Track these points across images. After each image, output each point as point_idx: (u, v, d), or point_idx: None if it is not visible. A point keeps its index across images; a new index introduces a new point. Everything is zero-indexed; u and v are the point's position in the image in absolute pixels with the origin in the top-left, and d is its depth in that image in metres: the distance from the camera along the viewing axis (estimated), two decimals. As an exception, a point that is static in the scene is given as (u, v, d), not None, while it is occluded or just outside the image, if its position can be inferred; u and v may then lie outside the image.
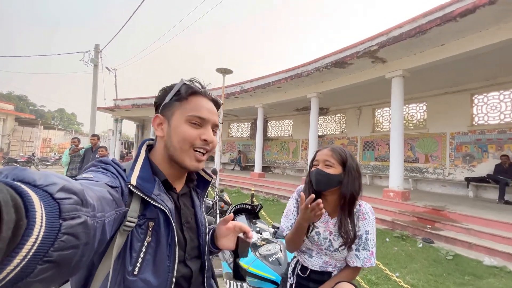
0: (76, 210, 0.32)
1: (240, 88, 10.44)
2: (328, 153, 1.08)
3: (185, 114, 0.65)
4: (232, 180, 10.51)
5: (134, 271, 0.57)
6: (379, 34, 6.06)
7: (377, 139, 9.69)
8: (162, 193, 0.64)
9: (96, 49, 12.22)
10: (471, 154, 7.34)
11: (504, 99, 6.96)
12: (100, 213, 0.40)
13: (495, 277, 3.08)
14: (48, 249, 0.28)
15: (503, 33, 4.44)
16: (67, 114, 66.34)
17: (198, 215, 0.75)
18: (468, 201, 6.11)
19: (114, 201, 0.48)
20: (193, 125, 0.65)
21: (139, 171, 0.62)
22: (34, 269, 0.26)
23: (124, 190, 0.56)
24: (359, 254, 1.06)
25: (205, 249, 0.74)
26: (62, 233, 0.29)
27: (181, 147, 0.64)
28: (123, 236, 0.56)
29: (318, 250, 1.12)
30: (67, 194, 0.31)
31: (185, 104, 0.66)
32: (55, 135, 27.81)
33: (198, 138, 0.65)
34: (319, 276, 1.10)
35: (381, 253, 3.76)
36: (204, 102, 0.68)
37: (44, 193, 0.29)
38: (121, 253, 0.57)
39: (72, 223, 0.31)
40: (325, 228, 1.12)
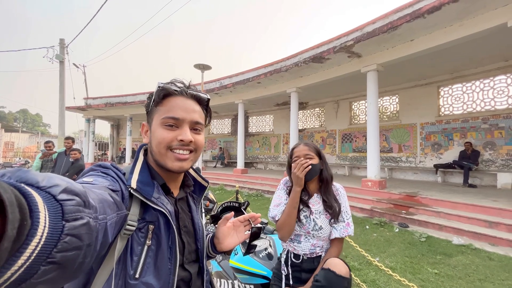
0: (79, 211, 0.32)
1: (219, 84, 10.31)
2: (305, 147, 1.26)
3: (160, 117, 0.64)
4: (215, 177, 10.42)
5: (136, 275, 0.57)
6: (354, 29, 6.25)
7: (354, 132, 10.08)
8: (162, 196, 0.64)
9: (62, 44, 11.36)
10: (439, 143, 7.90)
11: (466, 91, 7.54)
12: (102, 215, 0.40)
13: (463, 254, 3.38)
14: (52, 250, 0.28)
15: (465, 30, 4.78)
16: (31, 115, 61.48)
17: (195, 219, 0.75)
18: (437, 186, 6.59)
19: (115, 204, 0.48)
20: (169, 127, 0.64)
21: (138, 174, 0.63)
22: (38, 270, 0.27)
23: (124, 194, 0.57)
24: (336, 226, 1.20)
25: (203, 254, 0.75)
26: (65, 234, 0.29)
27: (159, 151, 0.64)
28: (124, 240, 0.57)
29: (305, 234, 1.21)
30: (70, 195, 0.31)
31: (160, 108, 0.65)
32: (18, 138, 25.70)
33: (174, 140, 0.64)
34: (310, 263, 1.16)
35: (362, 240, 3.95)
36: (179, 101, 0.66)
37: (47, 194, 0.30)
38: (122, 257, 0.57)
39: (75, 224, 0.31)
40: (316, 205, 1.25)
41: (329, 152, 10.80)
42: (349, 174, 9.84)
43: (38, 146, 23.86)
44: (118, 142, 18.04)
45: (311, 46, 7.47)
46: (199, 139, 0.68)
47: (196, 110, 0.68)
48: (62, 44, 11.39)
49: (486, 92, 7.18)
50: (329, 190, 1.25)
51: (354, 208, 5.61)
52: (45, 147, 5.22)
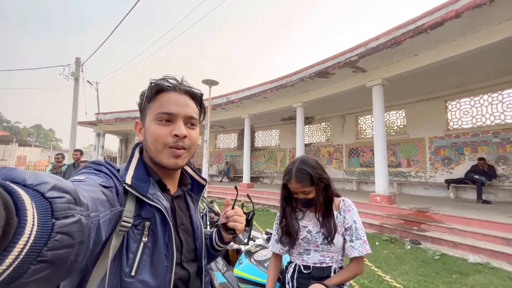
0: (70, 209, 0.31)
1: (226, 99, 10.51)
2: (298, 185, 1.14)
3: (153, 113, 0.64)
4: (221, 192, 10.36)
5: (131, 272, 0.56)
6: (358, 45, 6.39)
7: (361, 146, 9.99)
8: (158, 192, 0.63)
9: (77, 62, 11.95)
10: (449, 157, 7.72)
11: (474, 105, 7.46)
12: (94, 213, 0.39)
13: (480, 274, 3.19)
14: (42, 248, 0.27)
15: (469, 44, 4.83)
16: (44, 130, 63.47)
17: (193, 218, 0.74)
18: (449, 202, 6.36)
19: (108, 201, 0.47)
20: (163, 122, 0.63)
21: (133, 171, 0.62)
22: (28, 269, 0.26)
23: (119, 190, 0.56)
24: (353, 244, 1.14)
25: (202, 253, 0.73)
26: (56, 232, 0.28)
27: (155, 147, 0.63)
28: (119, 237, 0.56)
29: (315, 247, 1.16)
30: (59, 193, 0.31)
31: (153, 104, 0.65)
32: (31, 152, 26.40)
33: (169, 135, 0.63)
34: (320, 272, 1.12)
35: (372, 257, 3.79)
36: (172, 96, 0.65)
37: (35, 192, 0.29)
38: (117, 255, 0.56)
39: (66, 222, 0.30)
40: (315, 224, 1.19)
41: (336, 167, 10.66)
42: (357, 189, 9.64)
43: (49, 160, 24.41)
44: (126, 156, 18.31)
45: (316, 62, 7.64)
46: (193, 134, 0.67)
47: (190, 105, 0.67)
48: (77, 62, 11.97)
49: (495, 105, 7.09)
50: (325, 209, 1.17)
51: (363, 223, 5.40)
52: (55, 159, 5.35)
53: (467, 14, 4.22)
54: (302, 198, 1.16)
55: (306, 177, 1.12)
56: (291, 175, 1.15)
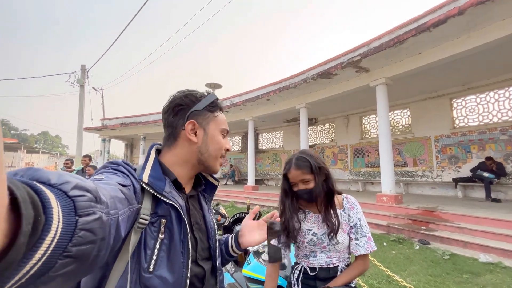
0: (91, 206, 0.33)
1: (229, 102, 10.56)
2: (298, 172, 1.12)
3: (219, 126, 0.75)
4: (226, 194, 10.36)
5: (150, 268, 0.58)
6: (361, 45, 6.38)
7: (366, 146, 9.92)
8: (173, 191, 0.65)
9: (83, 69, 12.15)
10: (456, 156, 7.62)
11: (480, 102, 7.36)
12: (114, 210, 0.41)
13: (492, 273, 3.13)
14: (67, 244, 0.28)
15: (473, 41, 4.78)
16: (51, 137, 64.47)
17: (207, 217, 0.77)
18: (458, 201, 6.27)
19: (126, 199, 0.49)
20: (222, 136, 0.76)
21: (150, 170, 0.64)
22: (55, 264, 0.27)
23: (136, 188, 0.58)
24: (359, 242, 1.12)
25: (216, 252, 0.75)
26: (79, 229, 0.30)
27: (216, 155, 0.74)
28: (137, 233, 0.58)
29: (321, 249, 1.15)
30: (81, 191, 0.32)
31: (217, 117, 0.75)
32: (38, 158, 26.84)
33: (224, 148, 0.76)
34: (325, 272, 1.11)
35: (380, 257, 3.75)
36: (224, 117, 0.79)
37: (59, 191, 0.30)
38: (136, 251, 0.58)
39: (88, 219, 0.32)
40: (319, 225, 1.17)
41: (341, 168, 10.60)
42: (362, 189, 9.56)
43: (56, 166, 24.76)
44: (132, 161, 18.46)
45: (319, 63, 7.64)
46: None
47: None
48: (83, 69, 12.18)
49: (502, 102, 6.99)
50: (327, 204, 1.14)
51: (370, 224, 5.39)
52: (64, 165, 5.43)
53: (470, 11, 4.19)
54: (302, 189, 1.13)
55: (305, 164, 1.12)
56: (291, 164, 1.15)
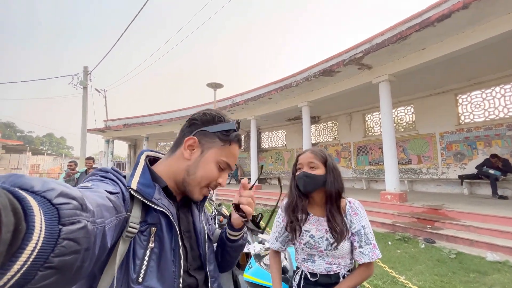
0: (76, 215, 0.31)
1: (231, 102, 10.55)
2: (311, 155, 1.13)
3: (220, 156, 0.68)
4: (229, 194, 10.36)
5: (139, 279, 0.55)
6: (363, 42, 6.30)
7: (369, 144, 9.83)
8: (163, 198, 0.63)
9: (85, 71, 12.21)
10: (462, 152, 7.51)
11: (486, 97, 7.24)
12: (100, 219, 0.39)
13: (500, 272, 3.07)
14: (49, 254, 0.27)
15: (478, 35, 4.69)
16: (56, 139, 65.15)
17: (197, 224, 0.74)
18: (464, 199, 6.18)
19: (114, 207, 0.48)
20: (219, 168, 0.69)
21: (139, 177, 0.62)
22: (35, 275, 0.26)
23: (125, 196, 0.56)
24: (363, 250, 1.08)
25: (206, 259, 0.72)
26: (62, 238, 0.29)
27: (200, 182, 0.67)
28: (126, 243, 0.55)
29: (319, 253, 1.11)
30: (66, 199, 0.31)
31: (224, 147, 0.69)
32: (44, 160, 27.15)
33: (215, 180, 0.69)
34: (327, 278, 1.08)
35: (385, 257, 3.71)
36: (236, 151, 0.72)
37: (43, 199, 0.29)
38: (124, 261, 0.55)
39: (72, 228, 0.30)
40: (318, 228, 1.13)
41: (345, 166, 10.53)
42: (366, 188, 9.49)
43: (61, 168, 25.03)
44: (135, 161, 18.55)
45: (321, 61, 7.57)
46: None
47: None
48: (85, 71, 12.24)
49: (508, 97, 6.86)
50: (333, 206, 1.10)
51: (374, 222, 5.34)
52: (68, 167, 5.47)
53: (475, 5, 4.10)
54: (306, 171, 1.09)
55: (321, 154, 1.14)
56: (307, 149, 1.18)
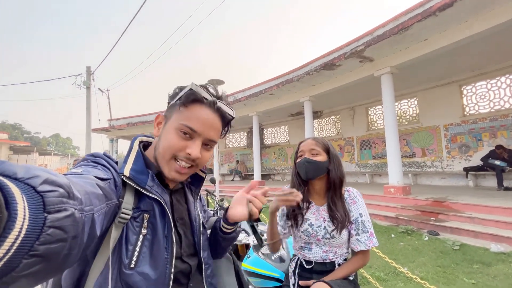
0: (62, 202, 0.31)
1: (233, 98, 10.54)
2: (312, 142, 1.14)
3: (178, 121, 0.62)
4: (232, 190, 10.41)
5: (131, 264, 0.56)
6: (364, 34, 6.23)
7: (373, 138, 9.76)
8: (156, 185, 0.62)
9: (88, 71, 12.31)
10: (467, 144, 7.41)
11: (491, 88, 7.11)
12: (89, 206, 0.39)
13: (504, 263, 3.05)
14: (34, 242, 0.26)
15: (481, 24, 4.59)
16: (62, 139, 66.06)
17: (192, 211, 0.73)
18: (469, 191, 6.12)
19: (104, 194, 0.47)
20: (183, 135, 0.62)
21: (132, 163, 0.62)
22: (19, 264, 0.25)
23: (117, 182, 0.56)
24: (359, 238, 1.08)
25: (201, 246, 0.72)
26: (48, 227, 0.28)
27: (163, 154, 0.62)
28: (119, 228, 0.56)
29: (316, 241, 1.12)
30: (52, 186, 0.30)
31: (184, 110, 0.62)
32: (51, 160, 27.58)
33: (182, 150, 0.61)
34: (322, 266, 1.10)
35: (388, 249, 3.71)
36: (204, 113, 0.63)
37: (26, 186, 0.28)
38: (117, 247, 0.56)
39: (58, 216, 0.29)
40: (317, 217, 1.13)
41: (348, 160, 10.48)
42: (370, 182, 9.45)
43: (68, 168, 25.42)
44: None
45: (322, 54, 7.51)
46: (205, 155, 0.66)
47: (216, 127, 0.65)
48: (88, 71, 12.34)
49: (514, 87, 6.73)
50: (336, 195, 1.11)
51: (377, 216, 5.33)
52: (73, 164, 5.56)
53: (478, -7, 4.01)
54: (307, 157, 1.09)
55: (323, 142, 1.15)
56: (308, 138, 1.18)
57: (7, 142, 21.77)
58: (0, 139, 20.84)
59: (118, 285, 0.55)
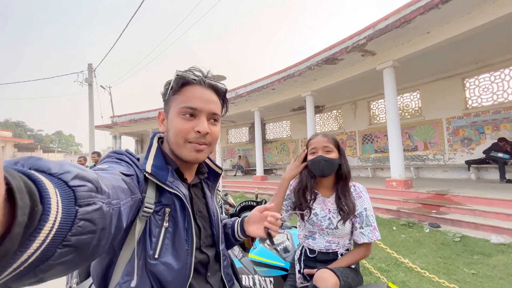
0: (91, 197, 0.33)
1: (234, 94, 10.54)
2: (324, 139, 1.15)
3: (178, 106, 0.64)
4: (235, 185, 10.52)
5: (155, 255, 0.60)
6: (366, 28, 6.18)
7: (375, 131, 9.76)
8: (176, 180, 0.66)
9: (90, 68, 12.34)
10: (469, 137, 7.41)
11: (495, 80, 7.06)
12: (115, 200, 0.41)
13: (504, 254, 3.11)
14: (66, 233, 0.28)
15: (484, 16, 4.55)
16: (65, 136, 66.43)
17: (210, 205, 0.77)
18: (470, 184, 6.14)
19: (129, 189, 0.49)
20: (186, 117, 0.64)
21: (153, 159, 0.65)
22: (54, 253, 0.27)
23: (139, 178, 0.59)
24: (363, 231, 1.13)
25: (219, 239, 0.76)
26: (79, 219, 0.30)
27: (177, 141, 0.65)
28: (142, 222, 0.59)
29: (319, 231, 1.17)
30: (82, 181, 0.32)
31: (178, 97, 0.65)
32: (54, 157, 27.83)
33: (191, 131, 0.64)
34: (325, 255, 1.15)
35: (389, 241, 3.78)
36: (197, 91, 0.66)
37: (59, 180, 0.30)
38: (141, 239, 0.60)
39: (88, 209, 0.31)
40: (323, 208, 1.18)
41: (350, 154, 10.51)
42: (372, 175, 9.49)
43: (71, 164, 25.68)
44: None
45: (324, 49, 7.47)
46: (215, 130, 0.68)
47: (214, 100, 0.68)
48: (90, 68, 12.37)
49: (518, 80, 6.68)
50: (346, 188, 1.15)
51: (379, 209, 5.39)
52: (78, 162, 5.65)
53: (481, -16, 3.97)
54: (323, 155, 1.10)
55: (333, 137, 1.16)
56: (318, 134, 1.19)
57: (12, 140, 21.98)
58: (4, 137, 21.03)
59: (144, 274, 0.59)
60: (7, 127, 37.52)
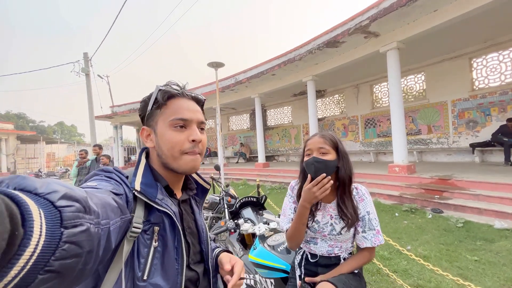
0: (79, 217, 0.31)
1: (234, 80, 10.33)
2: (320, 140, 1.08)
3: (167, 119, 0.64)
4: (238, 173, 10.57)
5: (144, 277, 0.57)
6: (370, 7, 5.89)
7: (377, 116, 9.60)
8: (166, 197, 0.64)
9: (86, 58, 12.06)
10: (474, 120, 7.26)
11: (503, 60, 6.79)
12: (105, 220, 0.39)
13: (507, 239, 3.10)
14: (49, 258, 0.27)
15: (497, -9, 4.28)
16: (67, 127, 66.58)
17: (198, 221, 0.76)
18: (475, 167, 6.08)
19: (119, 208, 0.48)
20: (178, 128, 0.64)
21: (141, 177, 0.63)
22: (34, 279, 0.26)
23: (128, 197, 0.57)
24: (366, 235, 1.08)
25: (208, 255, 0.74)
26: (64, 242, 0.29)
27: (172, 154, 0.64)
28: (130, 242, 0.57)
29: (321, 237, 1.13)
30: (69, 201, 0.31)
31: (165, 110, 0.65)
32: (58, 148, 28.03)
33: (186, 141, 0.64)
34: (327, 260, 1.11)
35: (392, 228, 3.79)
36: (183, 102, 0.67)
37: (45, 201, 0.29)
38: (129, 260, 0.57)
39: (74, 231, 0.30)
40: (324, 214, 1.13)
41: (352, 139, 10.42)
42: (375, 160, 9.45)
43: (75, 155, 25.89)
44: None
45: (325, 31, 7.18)
46: (204, 138, 0.69)
47: (198, 110, 0.70)
48: (86, 57, 12.09)
49: (528, 58, 6.42)
50: (346, 193, 1.09)
51: (382, 195, 5.39)
52: (79, 155, 5.64)
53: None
54: (316, 156, 1.04)
55: (331, 138, 1.09)
56: (316, 134, 1.13)
57: (14, 132, 22.04)
58: (7, 129, 21.07)
59: None
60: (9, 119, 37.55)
